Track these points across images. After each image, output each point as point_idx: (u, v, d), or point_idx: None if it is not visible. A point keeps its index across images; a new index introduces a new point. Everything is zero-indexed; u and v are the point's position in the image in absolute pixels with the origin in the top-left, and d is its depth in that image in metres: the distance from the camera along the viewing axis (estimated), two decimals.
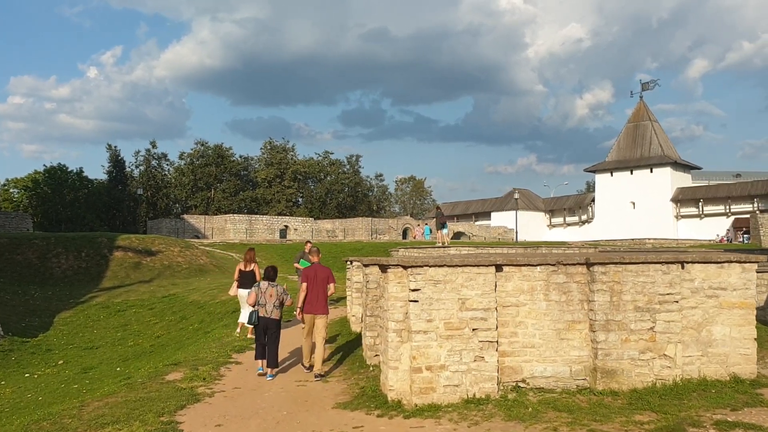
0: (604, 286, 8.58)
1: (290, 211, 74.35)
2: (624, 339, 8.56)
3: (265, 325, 11.29)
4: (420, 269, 8.41)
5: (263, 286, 11.54)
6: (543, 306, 8.76)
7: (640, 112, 76.92)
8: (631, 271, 8.61)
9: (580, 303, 8.79)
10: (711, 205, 69.62)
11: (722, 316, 8.83)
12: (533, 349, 8.72)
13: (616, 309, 8.58)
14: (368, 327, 11.21)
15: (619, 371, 8.52)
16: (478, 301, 8.44)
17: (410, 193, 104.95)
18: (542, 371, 8.70)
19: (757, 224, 50.25)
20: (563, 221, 78.84)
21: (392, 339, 8.53)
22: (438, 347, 8.37)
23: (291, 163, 78.12)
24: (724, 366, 8.79)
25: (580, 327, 8.77)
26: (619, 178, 73.71)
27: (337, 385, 10.22)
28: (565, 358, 8.73)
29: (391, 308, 8.57)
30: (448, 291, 8.42)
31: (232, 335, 15.20)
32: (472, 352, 8.38)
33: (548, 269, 8.80)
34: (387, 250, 37.30)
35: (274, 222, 57.58)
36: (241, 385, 10.40)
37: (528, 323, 8.74)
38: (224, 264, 36.83)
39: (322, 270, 11.65)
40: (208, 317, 21.76)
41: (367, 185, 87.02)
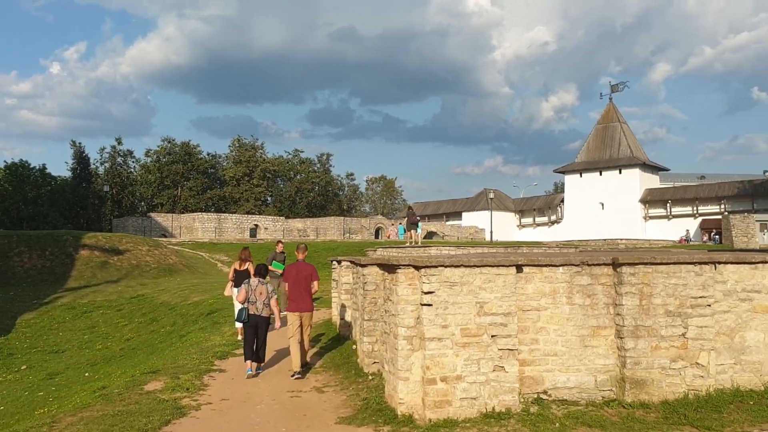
0: (633, 288, 7.89)
1: (259, 210, 72.94)
2: (654, 346, 7.88)
3: (255, 323, 11.23)
4: (434, 270, 7.62)
5: (253, 284, 11.46)
6: (566, 310, 8.04)
7: (609, 113, 77.12)
8: (662, 273, 7.94)
9: (605, 307, 8.09)
10: (678, 206, 70.05)
11: (756, 321, 8.21)
12: (555, 357, 7.99)
13: (646, 313, 7.89)
14: (366, 332, 10.39)
15: (649, 381, 7.84)
16: (497, 305, 7.69)
17: (381, 193, 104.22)
18: (565, 381, 7.98)
19: (729, 225, 50.53)
20: (533, 221, 78.76)
21: (402, 347, 7.74)
22: (454, 356, 7.59)
23: (260, 161, 76.70)
24: (758, 375, 8.17)
25: (605, 333, 8.07)
26: (588, 178, 73.80)
27: (335, 396, 9.37)
28: (589, 367, 8.02)
29: (401, 313, 7.78)
30: (464, 294, 7.65)
31: (211, 340, 14.25)
32: (491, 362, 7.63)
33: (571, 270, 8.08)
34: (362, 250, 36.51)
35: (244, 221, 56.23)
36: (229, 396, 9.50)
37: (550, 329, 8.01)
38: (194, 264, 35.66)
39: (305, 267, 11.60)
40: (181, 319, 20.75)
41: (337, 184, 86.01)
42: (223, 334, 14.85)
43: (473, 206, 77.67)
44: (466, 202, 79.90)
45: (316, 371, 11.12)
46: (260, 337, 11.32)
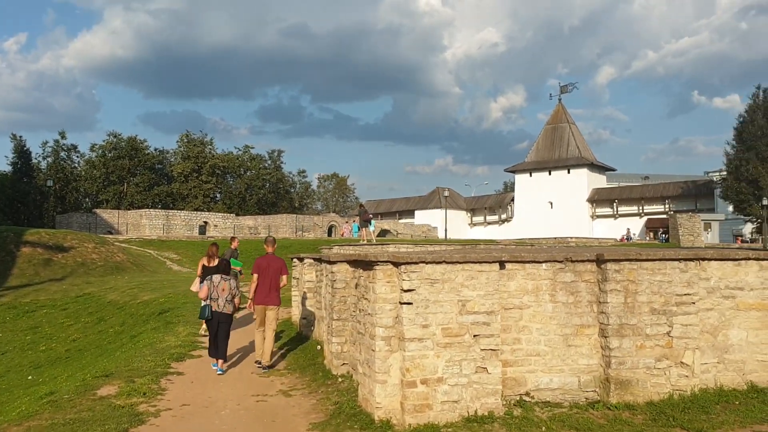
0: (618, 285, 7.64)
1: (208, 206, 71.36)
2: (639, 345, 7.64)
3: (218, 320, 11.06)
4: (415, 266, 7.21)
5: (215, 280, 11.24)
6: (549, 308, 7.74)
7: (558, 114, 78.10)
8: (647, 269, 7.71)
9: (589, 305, 7.82)
10: (625, 206, 71.37)
11: (739, 319, 8.06)
12: (538, 357, 7.68)
13: (631, 311, 7.65)
14: (335, 332, 9.92)
15: (633, 381, 7.59)
16: (480, 303, 7.33)
17: (333, 191, 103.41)
18: (548, 382, 7.68)
19: (676, 224, 51.57)
20: (484, 220, 79.29)
21: (380, 348, 7.31)
22: (435, 357, 7.20)
23: (209, 157, 75.02)
24: (741, 374, 8.02)
25: (589, 332, 7.80)
26: (537, 178, 74.60)
27: (303, 400, 8.88)
28: (573, 367, 7.74)
29: (378, 312, 7.35)
30: (446, 291, 7.27)
31: (165, 341, 13.56)
32: (474, 363, 7.26)
33: (555, 266, 7.78)
34: (317, 248, 35.83)
35: (193, 218, 54.85)
36: (190, 400, 8.92)
37: (532, 328, 7.69)
38: (142, 261, 34.51)
39: (275, 261, 11.57)
40: (131, 319, 19.87)
41: (289, 181, 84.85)
42: (177, 335, 14.17)
43: (426, 204, 77.77)
44: (419, 200, 79.93)
45: (281, 373, 10.61)
46: (222, 334, 11.11)
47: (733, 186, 54.91)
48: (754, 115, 55.42)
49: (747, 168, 53.15)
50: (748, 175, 53.13)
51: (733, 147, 56.22)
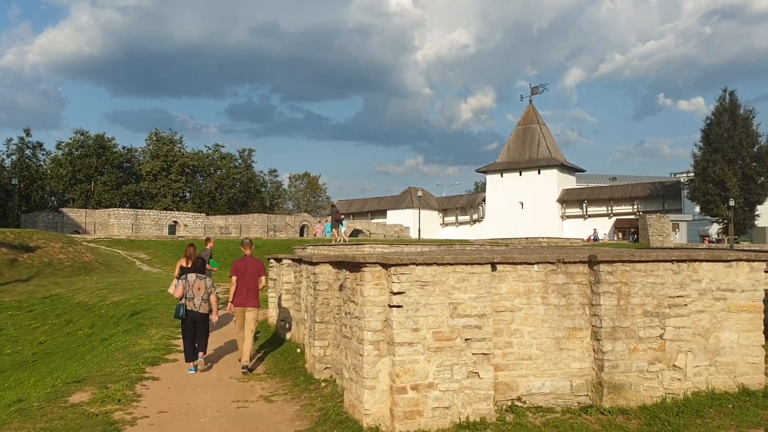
0: (611, 287, 7.49)
1: (177, 206, 70.27)
2: (632, 348, 7.50)
3: (193, 320, 11.00)
4: (405, 268, 6.98)
5: (191, 279, 11.15)
6: (541, 311, 7.56)
7: (529, 115, 78.55)
8: (640, 271, 7.57)
9: (581, 307, 7.67)
10: (594, 206, 72.00)
11: (730, 321, 7.96)
12: (530, 361, 7.50)
13: (624, 314, 7.51)
14: (318, 335, 9.64)
15: (626, 385, 7.45)
16: (471, 306, 7.12)
17: (304, 190, 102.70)
18: (540, 387, 7.50)
19: (646, 225, 52.12)
20: (456, 220, 79.45)
21: (368, 352, 7.07)
22: (425, 362, 6.97)
23: (178, 155, 73.86)
24: (732, 376, 7.93)
25: (581, 335, 7.64)
26: (508, 178, 74.93)
27: (286, 406, 8.58)
28: (565, 371, 7.57)
29: (366, 315, 7.10)
30: (437, 294, 7.05)
31: (138, 344, 13.14)
32: (465, 367, 7.05)
33: (546, 268, 7.61)
34: (290, 248, 35.46)
35: (162, 217, 53.93)
36: (167, 407, 8.57)
37: (524, 331, 7.51)
38: (111, 262, 33.76)
39: (253, 263, 11.51)
40: (100, 321, 19.34)
41: (260, 181, 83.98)
42: (150, 338, 13.75)
43: (398, 204, 77.67)
44: (391, 200, 79.79)
45: (260, 378, 10.30)
46: (200, 332, 11.14)
47: (700, 187, 55.72)
48: (721, 117, 56.34)
49: (714, 169, 53.98)
50: (715, 177, 53.98)
51: (700, 149, 57.02)
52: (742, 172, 53.95)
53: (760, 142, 55.34)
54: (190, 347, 11.07)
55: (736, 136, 54.45)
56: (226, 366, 11.33)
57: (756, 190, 54.60)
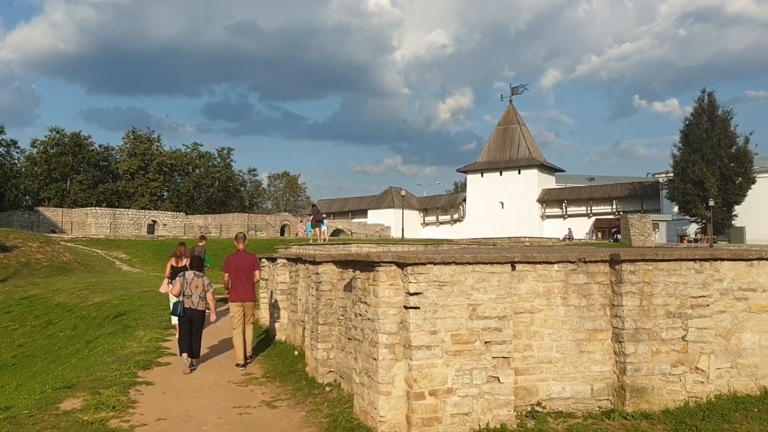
0: (634, 287, 7.23)
1: (155, 205, 69.28)
2: (655, 350, 7.25)
3: (191, 317, 10.86)
4: (422, 268, 6.66)
5: (188, 277, 11.04)
6: (561, 312, 7.28)
7: (509, 115, 78.69)
8: (663, 270, 7.32)
9: (601, 308, 7.40)
10: (573, 206, 72.31)
11: (751, 322, 7.75)
12: (550, 364, 7.22)
13: (646, 315, 7.25)
14: (321, 338, 9.28)
15: (649, 389, 7.19)
16: (491, 308, 6.82)
17: (284, 190, 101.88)
18: (560, 391, 7.22)
19: (628, 225, 52.31)
20: (436, 220, 79.35)
21: (383, 356, 6.73)
22: (444, 366, 6.66)
23: (156, 154, 72.82)
24: (754, 379, 7.71)
25: (602, 337, 7.37)
26: (489, 178, 75.01)
27: (291, 412, 8.20)
28: (585, 374, 7.30)
29: (381, 317, 6.77)
30: (455, 295, 6.74)
31: (127, 347, 12.67)
32: (485, 372, 6.75)
33: (567, 268, 7.33)
34: (273, 247, 34.99)
35: (141, 216, 52.99)
36: (165, 414, 8.16)
37: (544, 333, 7.23)
38: (90, 261, 33.03)
39: (246, 257, 11.55)
40: (83, 323, 18.76)
41: (239, 180, 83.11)
42: (139, 340, 13.27)
43: (379, 204, 77.35)
44: (372, 200, 79.45)
45: (260, 382, 9.89)
46: (195, 331, 10.98)
47: (679, 187, 56.05)
48: (700, 118, 56.71)
49: (693, 170, 54.32)
50: (694, 177, 54.33)
51: (679, 149, 57.35)
52: (721, 172, 54.36)
53: (737, 142, 55.79)
54: (186, 343, 10.85)
55: (714, 137, 54.82)
56: (221, 369, 10.92)
57: (734, 190, 55.03)
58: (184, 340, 10.83)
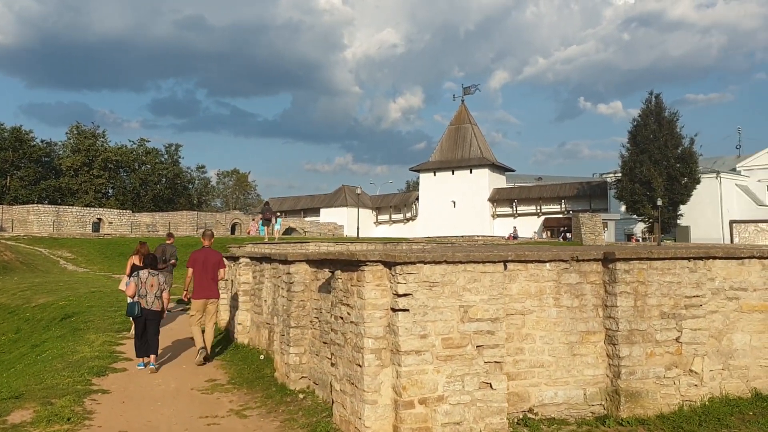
0: (628, 287, 6.94)
1: (99, 202, 67.08)
2: (649, 353, 6.97)
3: (145, 317, 10.55)
4: (412, 267, 6.23)
5: (143, 276, 10.73)
6: (553, 313, 6.95)
7: (461, 115, 78.95)
8: (657, 269, 7.05)
9: (594, 309, 7.09)
10: (523, 205, 72.96)
11: (742, 322, 7.55)
12: (542, 369, 6.87)
13: (641, 316, 6.97)
14: (293, 342, 8.75)
15: (643, 393, 6.91)
16: (483, 309, 6.43)
17: (233, 187, 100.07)
18: (553, 397, 6.88)
19: (579, 224, 52.91)
20: (389, 218, 79.08)
21: (369, 362, 6.28)
22: (434, 372, 6.24)
23: (101, 150, 70.48)
24: (745, 381, 7.51)
25: (594, 339, 7.06)
26: (441, 177, 75.14)
27: (263, 422, 7.65)
28: (578, 378, 6.97)
29: (367, 320, 6.31)
30: (446, 296, 6.33)
31: (78, 351, 11.89)
32: (477, 378, 6.36)
33: (559, 267, 6.99)
34: (225, 246, 34.01)
35: (86, 214, 51.11)
36: (126, 426, 7.53)
37: (536, 336, 6.88)
38: (33, 261, 31.58)
39: (212, 254, 11.47)
40: (27, 325, 17.75)
41: (187, 177, 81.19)
42: (91, 345, 12.49)
43: (331, 202, 76.69)
44: (324, 198, 78.71)
45: (225, 389, 9.29)
46: (152, 331, 10.65)
47: (627, 187, 56.95)
48: (647, 119, 57.76)
49: (641, 170, 55.28)
50: (642, 177, 55.31)
51: (627, 150, 58.30)
52: (667, 172, 55.44)
53: (683, 143, 57.02)
54: (144, 348, 10.53)
55: (661, 138, 55.87)
56: (182, 375, 10.26)
57: (680, 190, 56.17)
58: (139, 339, 10.58)
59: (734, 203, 61.59)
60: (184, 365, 10.90)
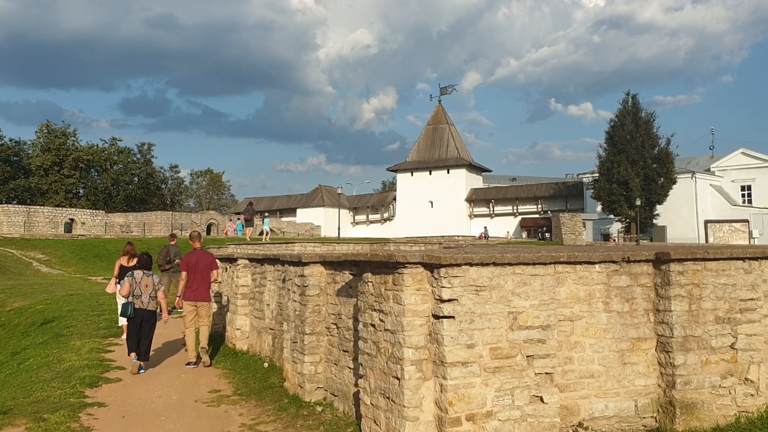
0: (683, 290, 6.44)
1: (70, 202, 65.36)
2: (704, 361, 6.48)
3: (141, 318, 10.40)
4: (457, 270, 5.65)
5: (137, 276, 10.61)
6: (603, 319, 6.42)
7: (438, 115, 78.71)
8: (711, 270, 6.56)
9: (645, 313, 6.59)
10: (500, 206, 72.88)
11: None
12: (592, 379, 6.34)
13: (695, 321, 6.48)
14: (308, 349, 8.11)
15: (699, 404, 6.42)
16: (534, 316, 5.89)
17: (207, 187, 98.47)
18: (603, 409, 6.35)
19: (559, 223, 52.85)
20: (366, 219, 78.46)
21: (410, 375, 5.69)
22: (483, 386, 5.68)
23: (72, 149, 68.69)
24: None
25: (645, 346, 6.55)
26: (419, 177, 74.79)
27: None
28: (629, 389, 6.46)
29: (407, 328, 5.73)
30: (494, 302, 5.77)
31: (65, 360, 11.12)
32: (527, 391, 5.81)
33: (609, 268, 6.47)
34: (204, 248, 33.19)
35: (58, 214, 49.58)
36: None
37: (585, 344, 6.34)
38: (4, 262, 30.42)
39: (204, 256, 11.30)
40: (2, 330, 16.91)
41: (160, 177, 79.58)
42: (77, 352, 11.72)
43: (308, 203, 75.86)
44: (301, 199, 77.82)
45: (232, 400, 8.60)
46: (145, 333, 10.52)
47: (605, 187, 57.02)
48: (624, 119, 57.94)
49: (618, 170, 55.39)
50: (619, 177, 55.42)
51: (605, 150, 58.41)
52: (644, 172, 55.62)
53: (659, 144, 57.27)
54: (134, 342, 10.38)
55: (638, 138, 56.03)
56: (183, 386, 9.51)
57: (656, 190, 56.36)
58: (132, 339, 10.36)
59: (709, 203, 62.08)
60: (183, 374, 10.19)
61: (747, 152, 65.48)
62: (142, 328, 10.43)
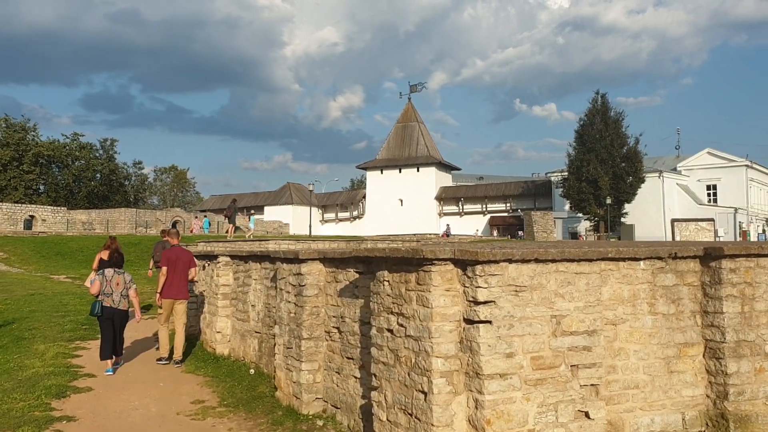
0: (735, 290, 5.79)
1: (30, 199, 63.19)
2: (758, 368, 5.84)
3: (111, 317, 10.04)
4: (494, 267, 4.90)
5: (108, 274, 10.24)
6: (648, 322, 5.73)
7: (408, 113, 78.21)
8: (765, 268, 5.93)
9: (692, 316, 5.93)
10: (470, 204, 72.66)
11: None
12: (637, 390, 5.64)
13: (748, 324, 5.83)
14: (306, 356, 7.29)
15: (753, 417, 5.76)
16: (579, 320, 5.16)
17: (171, 184, 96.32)
18: (649, 424, 5.66)
19: (531, 221, 52.65)
20: (335, 216, 77.59)
21: (439, 388, 4.92)
22: (523, 401, 4.93)
23: (32, 144, 66.47)
24: None
25: (693, 352, 5.89)
26: (388, 175, 74.25)
27: None
28: (676, 400, 5.78)
29: (435, 335, 4.96)
30: (536, 304, 5.03)
31: (27, 366, 10.12)
32: (572, 405, 5.08)
33: (654, 266, 5.79)
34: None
35: (17, 211, 47.66)
36: None
37: (629, 350, 5.65)
38: None
39: (183, 253, 11.08)
40: None
41: (123, 173, 77.49)
42: (41, 357, 10.71)
43: (276, 200, 74.67)
44: (269, 196, 76.57)
45: (218, 413, 7.73)
46: (117, 332, 10.25)
47: (574, 186, 57.02)
48: (594, 119, 58.00)
49: (588, 169, 55.41)
50: (588, 176, 55.44)
51: (574, 149, 58.40)
52: (613, 171, 55.73)
53: (628, 143, 57.45)
54: (109, 346, 9.96)
55: (607, 137, 56.13)
56: (161, 396, 8.59)
57: (625, 189, 56.55)
58: (106, 342, 9.92)
59: (675, 202, 62.58)
60: (161, 383, 9.26)
61: (713, 152, 66.23)
62: (114, 328, 10.06)
